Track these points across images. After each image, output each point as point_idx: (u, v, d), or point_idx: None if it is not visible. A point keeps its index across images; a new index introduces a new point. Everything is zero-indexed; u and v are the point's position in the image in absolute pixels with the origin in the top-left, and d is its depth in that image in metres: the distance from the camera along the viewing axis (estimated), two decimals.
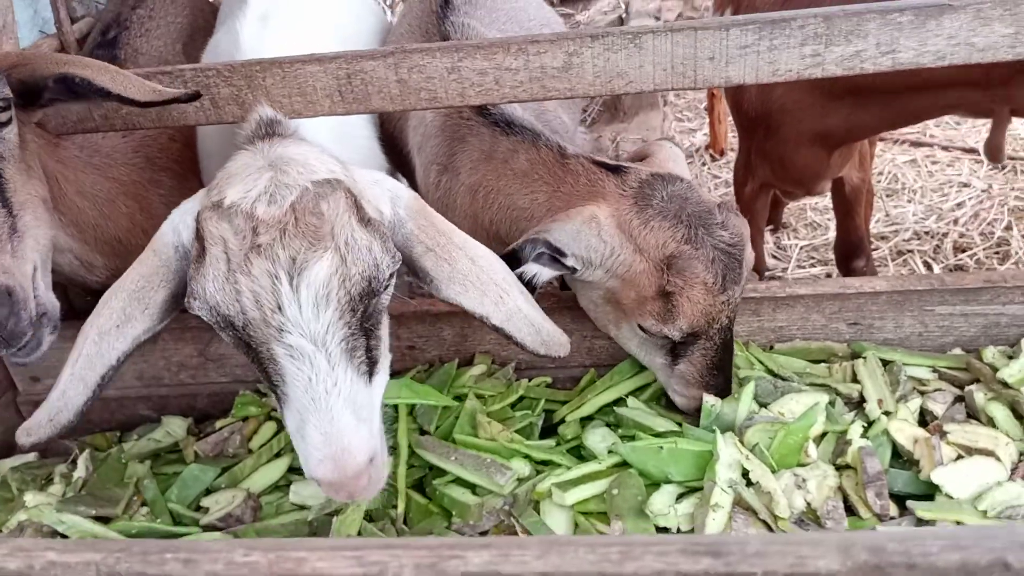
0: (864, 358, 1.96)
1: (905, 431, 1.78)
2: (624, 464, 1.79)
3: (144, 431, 2.24)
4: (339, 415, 1.33)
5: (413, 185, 2.62)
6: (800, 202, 4.61)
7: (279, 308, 1.32)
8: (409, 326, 2.14)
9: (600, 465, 1.79)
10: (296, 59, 1.80)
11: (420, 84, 1.79)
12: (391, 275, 1.46)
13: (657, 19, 6.62)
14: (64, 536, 1.86)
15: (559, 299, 2.12)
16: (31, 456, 2.21)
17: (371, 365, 1.46)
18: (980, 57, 1.65)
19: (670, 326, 1.74)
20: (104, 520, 1.92)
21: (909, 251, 4.13)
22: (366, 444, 1.36)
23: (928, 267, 4.01)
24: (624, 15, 6.98)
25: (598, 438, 1.88)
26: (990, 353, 1.96)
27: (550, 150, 1.99)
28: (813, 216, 4.56)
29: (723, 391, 1.86)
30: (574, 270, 1.80)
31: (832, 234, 4.33)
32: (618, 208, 1.78)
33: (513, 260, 1.78)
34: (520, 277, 1.77)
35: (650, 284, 1.74)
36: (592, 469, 1.79)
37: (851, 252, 3.14)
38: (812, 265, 4.21)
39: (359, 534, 1.80)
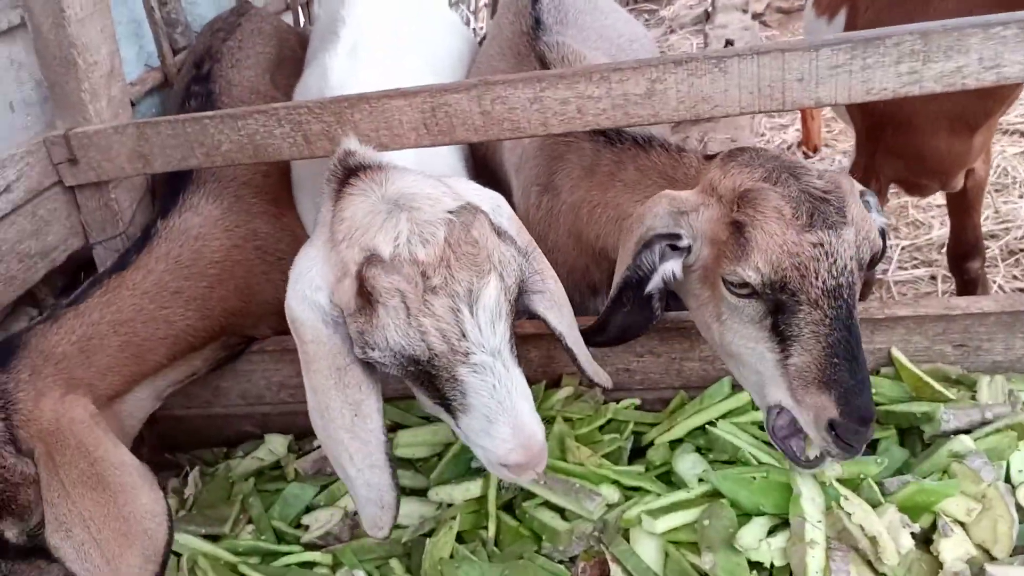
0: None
1: None
2: (716, 493, 1.77)
3: (248, 448, 2.35)
4: (521, 409, 1.47)
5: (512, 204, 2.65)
6: (902, 199, 4.43)
7: (463, 335, 1.43)
8: None
9: (690, 494, 1.77)
10: (382, 94, 1.84)
11: (503, 115, 1.81)
12: (525, 272, 1.56)
13: (744, 12, 6.45)
14: (177, 554, 1.98)
15: None
16: None
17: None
18: None
19: (744, 263, 1.53)
20: (214, 538, 2.02)
21: (1022, 250, 3.91)
22: (541, 427, 1.50)
23: None
24: (710, 8, 6.83)
25: (688, 464, 1.86)
26: None
27: (664, 150, 1.95)
28: (916, 215, 4.36)
29: (854, 393, 1.47)
30: (689, 249, 1.69)
31: (936, 233, 4.14)
32: (706, 175, 1.70)
33: (627, 288, 1.71)
34: (651, 295, 1.72)
35: (725, 226, 1.60)
36: (682, 497, 1.77)
37: (967, 253, 2.98)
38: (915, 266, 4.04)
39: (451, 556, 1.84)
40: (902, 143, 2.61)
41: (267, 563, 1.97)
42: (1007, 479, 1.72)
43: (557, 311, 1.69)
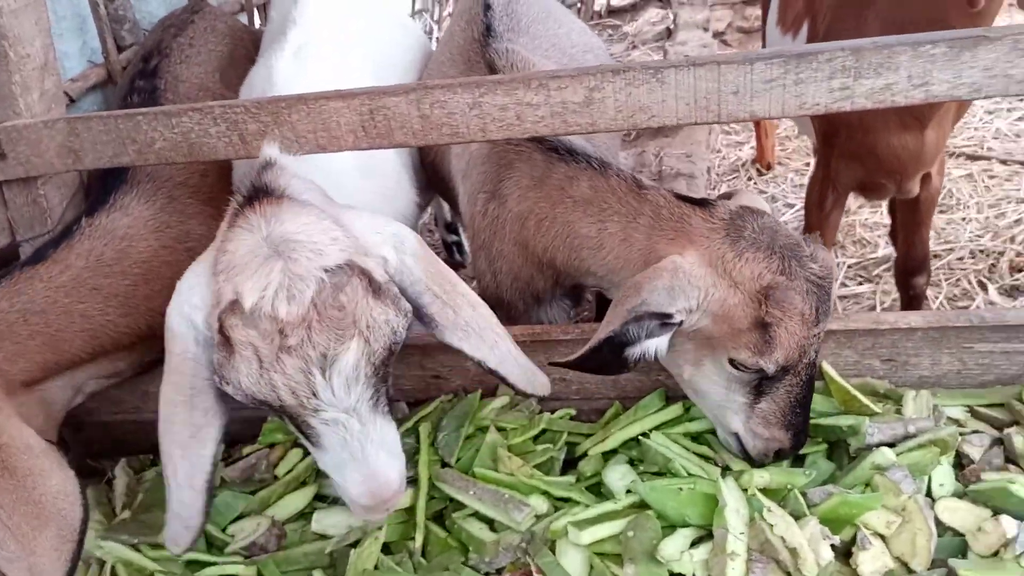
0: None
1: (957, 514, 1.69)
2: (643, 504, 1.77)
3: None
4: (374, 459, 1.51)
5: (458, 213, 2.64)
6: (850, 218, 4.50)
7: (313, 394, 1.45)
8: (434, 356, 2.15)
9: (617, 505, 1.77)
10: (320, 95, 1.82)
11: (442, 120, 1.79)
12: (406, 329, 1.56)
13: (705, 30, 6.55)
14: (102, 562, 1.92)
15: (583, 331, 2.10)
16: None
17: (388, 399, 1.59)
18: (1019, 89, 1.58)
19: (766, 359, 1.68)
20: (151, 546, 1.97)
21: (962, 269, 3.99)
22: (398, 473, 1.55)
23: (983, 287, 3.87)
24: (672, 26, 6.92)
25: (617, 476, 1.85)
26: None
27: (622, 180, 1.95)
28: (863, 233, 4.44)
29: (802, 433, 1.78)
30: (679, 324, 1.76)
31: (881, 252, 4.22)
32: (709, 245, 1.74)
33: (607, 344, 1.74)
34: (627, 360, 1.76)
35: (745, 316, 1.68)
36: (609, 508, 1.77)
37: (915, 268, 3.03)
38: (859, 283, 4.10)
39: (376, 567, 1.81)
40: (857, 143, 2.65)
41: (191, 571, 1.92)
42: (928, 493, 1.74)
43: (475, 338, 1.70)
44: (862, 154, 2.66)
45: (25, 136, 1.99)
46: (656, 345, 1.76)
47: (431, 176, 2.81)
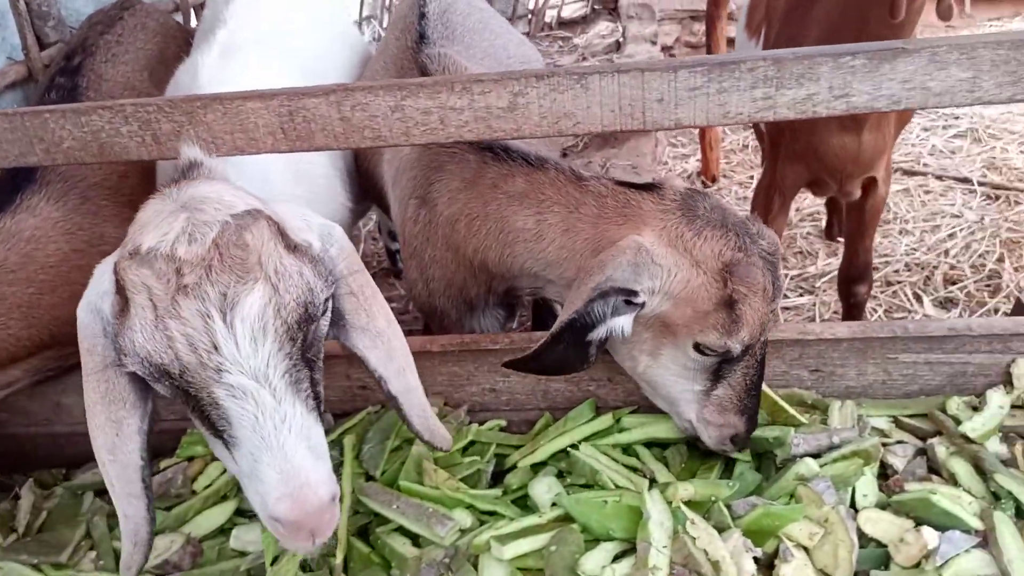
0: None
1: (879, 525, 1.68)
2: (568, 517, 1.73)
3: (90, 468, 2.19)
4: (293, 451, 1.28)
5: (391, 217, 2.58)
6: (789, 229, 4.56)
7: (215, 348, 1.27)
8: (360, 367, 2.07)
9: (541, 519, 1.73)
10: (237, 95, 1.76)
11: (364, 123, 1.74)
12: (327, 299, 1.43)
13: (653, 43, 6.61)
14: None
15: (512, 340, 2.06)
16: None
17: (317, 400, 1.42)
18: (937, 102, 1.60)
19: (734, 338, 1.66)
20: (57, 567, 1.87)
21: (899, 282, 4.06)
22: (328, 479, 1.32)
23: (918, 299, 3.94)
24: (621, 39, 6.97)
25: (543, 488, 1.82)
26: (954, 404, 1.89)
27: (560, 171, 1.92)
28: (803, 245, 4.50)
29: (755, 416, 1.80)
30: (642, 306, 1.71)
31: (821, 263, 4.28)
32: (665, 225, 1.72)
33: (571, 329, 1.70)
34: (592, 344, 1.71)
35: (710, 296, 1.66)
36: (533, 522, 1.73)
37: (857, 276, 3.08)
38: (800, 295, 4.15)
39: None
40: (801, 144, 2.76)
41: None
42: (852, 504, 1.74)
43: (383, 353, 1.60)
44: (806, 154, 2.76)
45: None
46: (622, 325, 1.71)
47: (365, 183, 2.76)
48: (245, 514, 1.99)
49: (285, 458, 1.28)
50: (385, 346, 1.60)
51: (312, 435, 1.34)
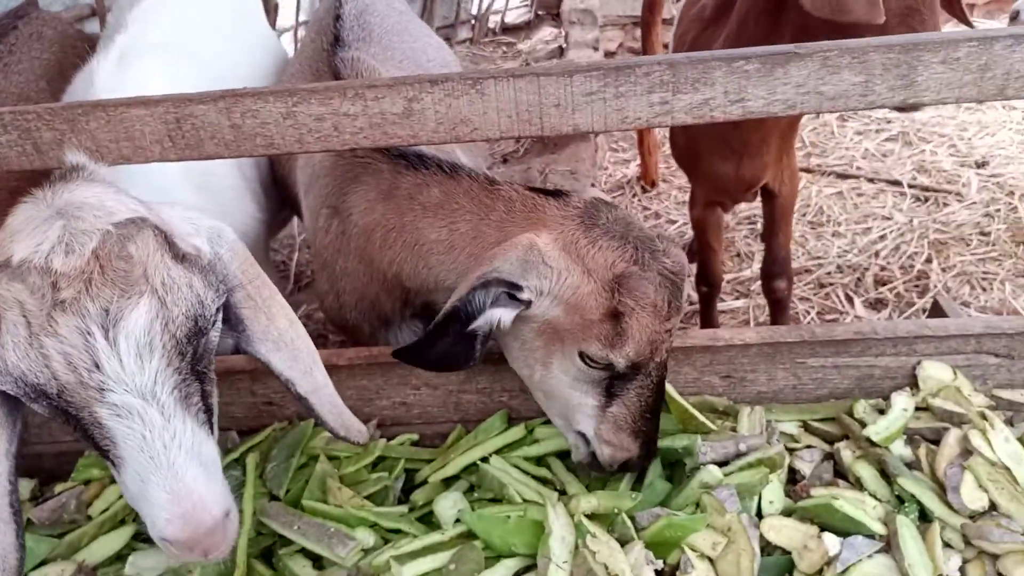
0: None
1: (783, 532, 1.66)
2: (473, 534, 1.69)
3: None
4: (184, 469, 1.24)
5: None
6: (728, 233, 4.59)
7: (96, 366, 1.20)
8: (266, 382, 2.02)
9: (444, 536, 1.68)
10: (121, 102, 1.68)
11: (255, 130, 1.69)
12: (218, 310, 1.37)
13: (596, 49, 6.62)
14: None
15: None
16: None
17: (209, 413, 1.37)
18: (831, 106, 1.59)
19: (617, 352, 1.62)
20: None
21: (831, 284, 4.11)
22: (220, 497, 1.29)
23: (850, 301, 3.99)
24: (564, 45, 6.98)
25: (448, 504, 1.77)
26: (861, 407, 1.89)
27: (474, 180, 1.88)
28: (741, 247, 4.53)
29: (651, 443, 1.75)
30: (528, 304, 1.68)
31: (756, 267, 4.31)
32: (563, 231, 1.68)
33: (453, 319, 1.66)
34: (475, 333, 1.66)
35: (597, 306, 1.62)
36: (436, 540, 1.68)
37: (775, 272, 3.19)
38: (736, 298, 4.17)
39: None
40: (697, 168, 3.09)
41: None
42: (759, 512, 1.72)
43: (288, 355, 1.53)
44: (700, 176, 3.09)
45: None
46: (501, 315, 1.67)
47: (282, 191, 2.69)
48: (144, 538, 1.90)
49: (175, 477, 1.23)
50: (288, 347, 1.53)
51: (203, 451, 1.29)
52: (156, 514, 1.24)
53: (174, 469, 1.23)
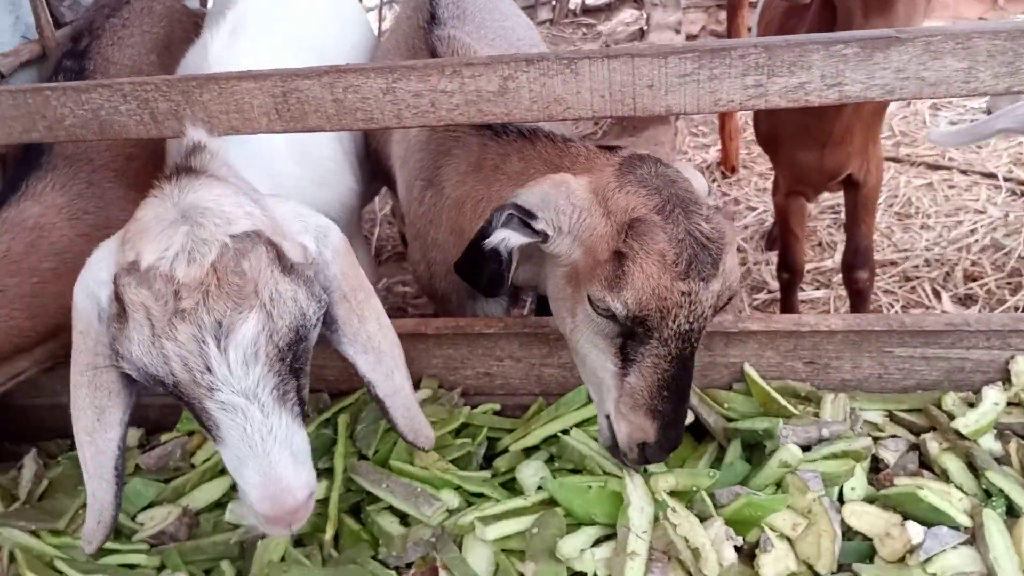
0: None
1: (864, 518, 1.66)
2: (554, 501, 1.74)
3: None
4: (277, 459, 1.38)
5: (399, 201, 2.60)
6: (810, 222, 4.50)
7: (208, 370, 1.33)
8: None
9: (526, 501, 1.74)
10: (233, 75, 1.78)
11: (356, 104, 1.76)
12: (318, 319, 1.47)
13: (678, 32, 6.53)
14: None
15: (506, 324, 2.07)
16: None
17: (302, 404, 1.48)
18: (932, 92, 1.57)
19: (614, 295, 1.53)
20: (55, 533, 1.92)
21: (917, 278, 4.00)
22: (305, 483, 1.42)
23: (937, 295, 3.88)
24: (645, 27, 6.90)
25: (530, 472, 1.83)
26: (950, 400, 1.86)
27: (548, 140, 1.91)
28: (824, 236, 4.44)
29: (670, 428, 1.58)
30: (545, 236, 1.66)
31: (839, 257, 4.22)
32: (600, 175, 1.67)
33: (479, 237, 1.68)
34: (488, 254, 1.67)
35: (608, 247, 1.57)
36: (517, 505, 1.74)
37: (857, 263, 3.14)
38: (816, 287, 4.10)
39: (283, 559, 1.78)
40: (780, 156, 3.03)
41: (94, 559, 1.88)
42: (840, 497, 1.73)
43: (373, 357, 1.61)
44: (782, 163, 3.05)
45: None
46: (508, 237, 1.67)
47: (375, 164, 2.78)
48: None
49: (269, 465, 1.37)
50: (375, 351, 1.61)
51: (294, 441, 1.42)
52: (251, 491, 1.39)
53: (269, 458, 1.37)
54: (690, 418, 1.93)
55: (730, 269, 1.60)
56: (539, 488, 1.79)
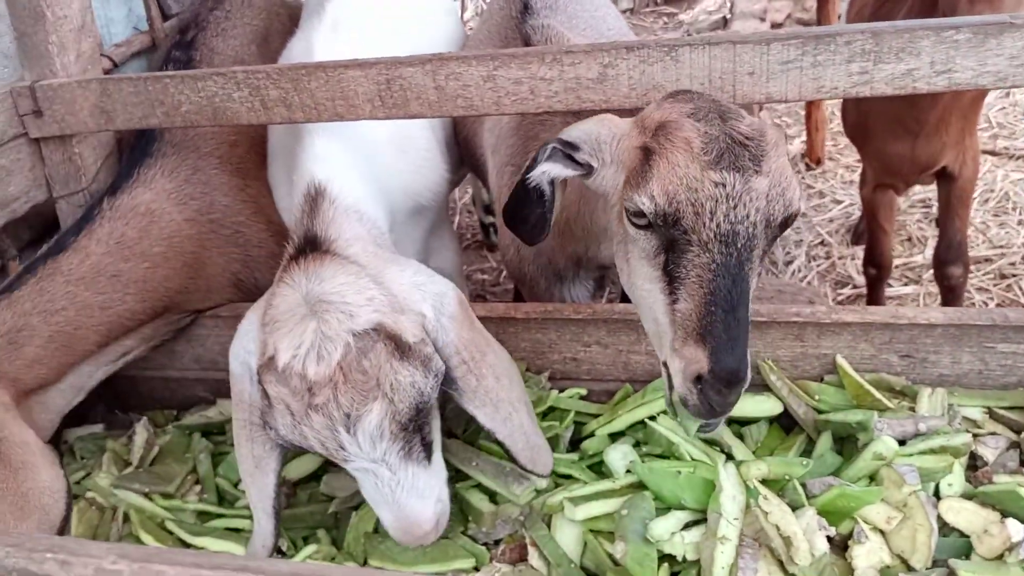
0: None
1: (962, 514, 1.64)
2: (642, 485, 1.76)
3: (199, 411, 2.36)
4: (404, 503, 1.60)
5: (489, 189, 2.65)
6: (899, 216, 4.37)
7: (341, 447, 1.55)
8: None
9: (615, 484, 1.76)
10: (339, 63, 1.85)
11: (457, 91, 1.80)
12: (436, 386, 1.62)
13: (762, 20, 6.40)
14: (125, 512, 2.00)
15: (595, 310, 2.09)
16: (98, 427, 2.37)
17: (427, 445, 1.66)
18: None
19: (642, 191, 1.46)
20: (166, 496, 2.05)
21: (1014, 275, 3.85)
22: (431, 514, 1.62)
23: None
24: (728, 15, 6.79)
25: (619, 455, 1.85)
26: None
27: (618, 113, 1.85)
28: (913, 231, 4.31)
29: (726, 353, 1.39)
30: (589, 168, 1.64)
31: (931, 252, 4.09)
32: (644, 111, 1.65)
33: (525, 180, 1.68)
34: (529, 186, 1.67)
35: (636, 153, 1.54)
36: (606, 487, 1.76)
37: (950, 258, 3.06)
38: (905, 283, 3.99)
39: (375, 530, 1.85)
40: (869, 147, 2.97)
41: (201, 522, 1.99)
42: (936, 493, 1.70)
43: (490, 409, 1.73)
44: (871, 155, 2.98)
45: (60, 95, 2.07)
46: (549, 168, 1.66)
47: (464, 152, 2.83)
48: (333, 463, 2.10)
49: (399, 508, 1.60)
50: (492, 403, 1.73)
51: (418, 485, 1.61)
52: (386, 524, 1.63)
53: (398, 503, 1.59)
54: (779, 408, 1.93)
55: (778, 170, 1.48)
56: (627, 472, 1.82)
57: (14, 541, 0.75)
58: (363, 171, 1.96)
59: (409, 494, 1.59)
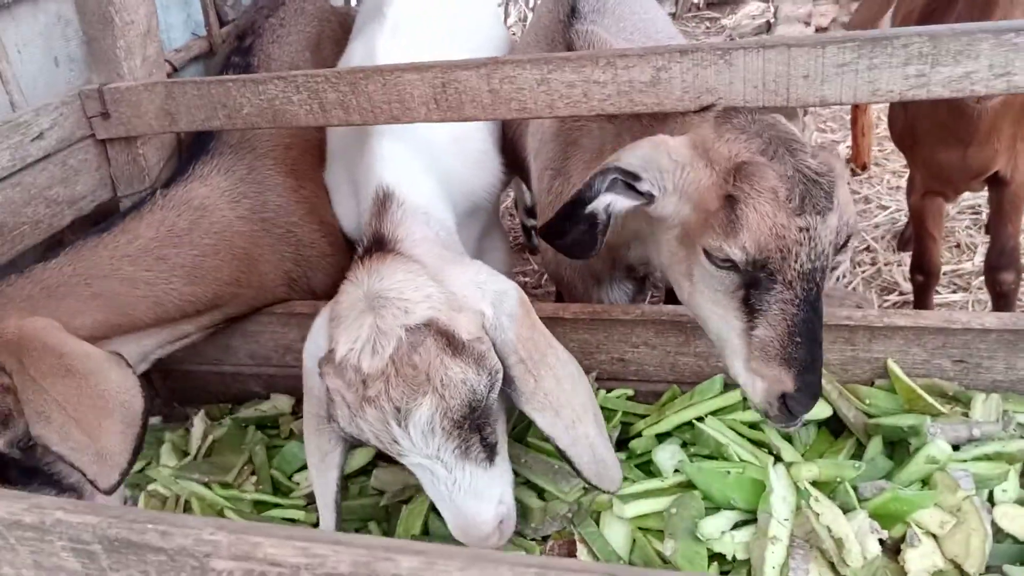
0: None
1: (1017, 521, 1.62)
2: (691, 484, 1.77)
3: (253, 405, 2.42)
4: (461, 504, 1.60)
5: (531, 188, 2.69)
6: (947, 222, 4.31)
7: (394, 441, 1.58)
8: None
9: (663, 483, 1.78)
10: (396, 67, 1.89)
11: (511, 95, 1.83)
12: (492, 385, 1.63)
13: (807, 24, 6.35)
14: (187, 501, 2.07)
15: (643, 312, 2.11)
16: (156, 419, 2.44)
17: (490, 448, 1.66)
18: None
19: (731, 241, 1.53)
20: (224, 486, 2.11)
21: None
22: (490, 516, 1.62)
23: None
24: (772, 20, 6.75)
25: (667, 455, 1.86)
26: None
27: (653, 117, 1.90)
28: (962, 237, 4.25)
29: (808, 373, 1.54)
30: (651, 198, 1.67)
31: (980, 260, 4.02)
32: (697, 132, 1.68)
33: (576, 203, 1.70)
34: (591, 217, 1.70)
35: (716, 197, 1.57)
36: (655, 485, 1.78)
37: (1002, 264, 3.00)
38: (953, 291, 3.93)
39: (425, 523, 1.88)
40: (917, 154, 2.94)
41: (258, 511, 2.05)
42: (990, 499, 1.68)
43: (550, 414, 1.69)
44: (919, 162, 2.95)
45: (126, 98, 2.14)
46: (613, 201, 1.68)
47: (510, 155, 2.86)
48: (384, 457, 2.14)
49: (456, 508, 1.61)
50: (551, 408, 1.70)
51: (477, 486, 1.61)
52: (447, 521, 1.64)
53: (455, 504, 1.61)
54: (828, 411, 1.93)
55: (845, 202, 1.58)
56: (675, 471, 1.83)
57: (116, 513, 0.79)
58: (428, 173, 2.00)
59: (466, 495, 1.59)
